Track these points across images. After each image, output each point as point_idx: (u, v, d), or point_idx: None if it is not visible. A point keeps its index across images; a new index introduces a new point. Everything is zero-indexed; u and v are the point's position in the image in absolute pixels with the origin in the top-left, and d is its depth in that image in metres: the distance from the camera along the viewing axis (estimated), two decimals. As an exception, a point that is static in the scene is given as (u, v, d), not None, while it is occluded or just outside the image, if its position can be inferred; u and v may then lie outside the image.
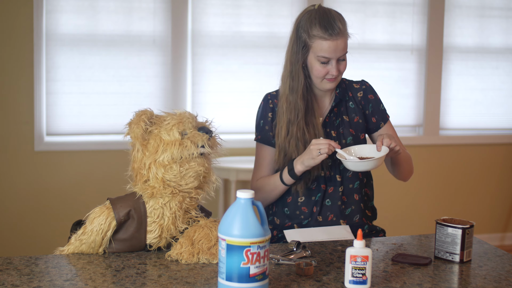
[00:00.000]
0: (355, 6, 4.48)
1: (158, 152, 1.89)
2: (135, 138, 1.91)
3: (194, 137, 1.91)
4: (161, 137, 1.91)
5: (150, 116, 1.94)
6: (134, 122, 1.92)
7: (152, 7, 4.18)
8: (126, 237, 1.93)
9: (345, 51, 2.23)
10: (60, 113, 4.11)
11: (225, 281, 1.60)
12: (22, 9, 3.97)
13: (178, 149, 1.88)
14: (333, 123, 2.36)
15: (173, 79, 4.25)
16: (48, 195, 4.13)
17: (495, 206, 5.00)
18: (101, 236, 1.90)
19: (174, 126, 1.90)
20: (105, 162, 4.20)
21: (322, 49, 2.21)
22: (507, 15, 4.89)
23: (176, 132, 1.90)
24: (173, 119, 1.92)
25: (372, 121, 2.40)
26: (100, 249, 1.93)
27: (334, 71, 2.23)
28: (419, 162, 4.82)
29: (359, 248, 1.70)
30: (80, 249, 1.93)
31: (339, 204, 2.32)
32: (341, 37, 2.20)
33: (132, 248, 1.95)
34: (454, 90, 4.85)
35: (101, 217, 1.91)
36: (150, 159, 1.90)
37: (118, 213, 1.90)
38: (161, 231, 1.92)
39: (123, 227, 1.93)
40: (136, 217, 1.91)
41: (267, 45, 4.41)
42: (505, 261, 1.98)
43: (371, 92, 2.41)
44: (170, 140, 1.89)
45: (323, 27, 2.19)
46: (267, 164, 2.36)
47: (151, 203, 1.92)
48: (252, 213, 1.61)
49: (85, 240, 1.91)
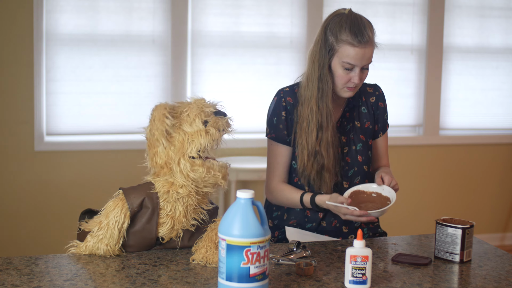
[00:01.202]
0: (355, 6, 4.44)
1: (185, 145, 1.89)
2: (161, 134, 1.89)
3: (216, 123, 1.92)
4: (184, 129, 1.90)
5: (169, 110, 1.91)
6: (157, 119, 1.89)
7: (152, 7, 4.18)
8: (138, 229, 1.93)
9: (370, 61, 2.21)
10: (60, 113, 4.11)
11: (225, 281, 1.60)
12: (22, 9, 3.97)
13: (205, 138, 1.89)
14: (344, 128, 2.35)
15: (173, 79, 4.25)
16: (48, 195, 4.12)
17: (495, 206, 5.00)
18: (118, 228, 1.90)
19: (196, 117, 1.90)
20: (105, 162, 4.20)
21: (349, 55, 2.17)
22: (507, 15, 4.89)
23: (199, 123, 1.90)
24: (192, 110, 1.91)
25: (375, 128, 2.40)
26: (117, 247, 1.92)
27: (356, 79, 2.19)
28: (419, 162, 4.82)
29: (359, 248, 1.70)
30: (97, 246, 1.91)
31: None
32: (369, 45, 2.18)
33: (144, 240, 1.94)
34: (454, 90, 4.85)
35: (116, 210, 1.91)
36: (178, 154, 1.89)
37: (131, 204, 1.90)
38: (173, 223, 1.93)
39: (135, 217, 1.93)
40: (149, 206, 1.91)
41: (266, 45, 4.41)
42: (505, 261, 1.98)
43: (382, 100, 2.41)
44: (194, 131, 1.90)
45: (353, 33, 2.16)
46: (283, 164, 2.34)
47: (165, 196, 1.92)
48: (252, 213, 1.61)
49: (102, 235, 1.90)
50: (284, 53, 4.43)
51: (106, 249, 1.91)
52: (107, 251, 1.91)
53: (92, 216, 2.04)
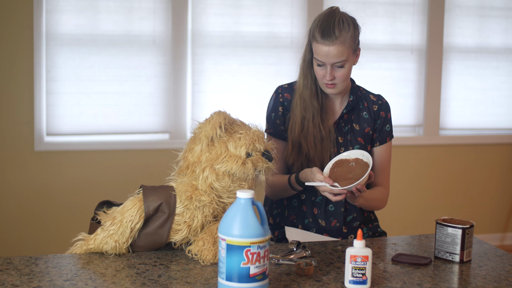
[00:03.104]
0: (355, 6, 4.48)
1: (219, 160, 1.88)
2: (205, 137, 1.89)
3: (257, 162, 1.90)
4: (227, 147, 1.89)
5: (227, 122, 1.91)
6: (212, 123, 1.89)
7: (152, 7, 4.18)
8: (149, 231, 1.93)
9: (341, 59, 2.18)
10: (60, 113, 4.11)
11: (225, 281, 1.60)
12: (22, 9, 3.97)
13: (238, 167, 1.88)
14: (341, 129, 2.35)
15: (173, 79, 4.25)
16: (48, 195, 4.13)
17: (495, 206, 5.00)
18: (131, 227, 1.90)
19: (245, 145, 1.89)
20: (105, 162, 4.20)
21: (316, 52, 2.21)
22: (507, 15, 4.89)
23: (243, 150, 1.89)
24: (246, 137, 1.90)
25: (373, 136, 2.40)
26: (125, 245, 1.92)
27: (328, 76, 2.21)
28: (419, 162, 4.82)
29: (359, 248, 1.70)
30: (106, 240, 1.91)
31: (342, 211, 2.34)
32: (336, 44, 2.16)
33: (153, 243, 1.95)
34: (454, 90, 4.85)
35: (133, 210, 1.91)
36: (208, 162, 1.89)
37: (148, 206, 1.90)
38: (189, 232, 1.92)
39: (149, 219, 1.92)
40: (166, 212, 1.91)
41: (267, 45, 4.41)
42: (505, 261, 1.98)
43: (384, 110, 2.40)
44: (234, 154, 1.88)
45: (321, 30, 2.18)
46: (280, 159, 2.35)
47: (186, 203, 1.91)
48: (252, 213, 1.61)
49: (113, 231, 1.90)
50: (285, 53, 4.43)
51: (114, 245, 1.91)
52: (114, 248, 1.91)
53: (110, 206, 2.05)
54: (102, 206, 2.04)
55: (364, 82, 2.66)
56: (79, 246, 1.96)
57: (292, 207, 2.38)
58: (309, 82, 2.29)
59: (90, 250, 1.94)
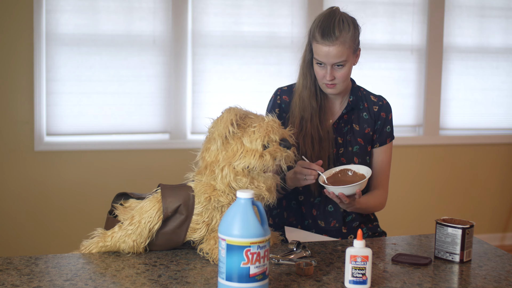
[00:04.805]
0: (355, 6, 4.48)
1: (236, 156, 1.87)
2: (219, 136, 1.89)
3: (275, 152, 1.89)
4: (243, 142, 1.89)
5: (238, 117, 1.90)
6: (223, 121, 1.88)
7: (152, 7, 4.18)
8: (167, 231, 1.93)
9: (341, 59, 2.18)
10: (60, 113, 4.11)
11: (225, 281, 1.60)
12: (22, 9, 3.97)
13: (256, 161, 1.87)
14: (341, 129, 2.35)
15: (173, 79, 4.25)
16: (48, 195, 4.13)
17: (495, 206, 5.00)
18: (149, 228, 1.90)
19: (259, 138, 1.88)
20: (105, 162, 4.20)
21: (316, 52, 2.21)
22: (507, 15, 4.89)
23: (259, 143, 1.88)
24: (259, 129, 1.89)
25: (373, 137, 2.39)
26: (143, 245, 1.92)
27: (328, 76, 2.21)
28: (419, 162, 4.82)
29: (359, 248, 1.70)
30: (124, 239, 1.91)
31: (341, 211, 2.33)
32: (336, 44, 2.16)
33: (171, 242, 1.95)
34: (454, 90, 4.85)
35: (151, 211, 1.91)
36: (225, 161, 1.88)
37: (166, 208, 1.90)
38: (207, 230, 1.93)
39: (167, 220, 1.93)
40: (184, 213, 1.91)
41: (267, 45, 4.41)
42: (505, 261, 1.98)
43: (385, 111, 2.39)
44: (251, 149, 1.87)
45: (321, 31, 2.18)
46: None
47: (204, 203, 1.91)
48: (252, 213, 1.61)
49: (131, 231, 1.91)
50: (285, 53, 4.43)
51: (132, 244, 1.91)
52: (132, 247, 1.92)
53: (128, 198, 2.05)
54: (119, 198, 2.05)
55: (364, 82, 2.66)
56: (95, 242, 1.96)
57: (291, 209, 2.38)
58: (308, 82, 2.29)
59: (106, 247, 1.95)
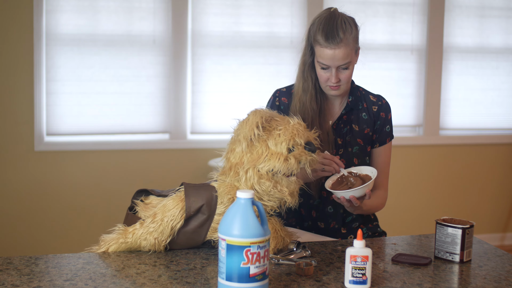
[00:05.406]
0: (355, 6, 4.48)
1: (260, 159, 1.87)
2: (244, 139, 1.88)
3: (300, 156, 1.88)
4: (268, 145, 1.88)
5: (264, 120, 1.89)
6: (249, 123, 1.88)
7: (152, 7, 4.18)
8: (188, 230, 1.94)
9: (346, 61, 2.18)
10: (60, 113, 4.11)
11: (225, 281, 1.60)
12: (22, 9, 3.97)
13: (281, 164, 1.86)
14: (340, 130, 2.34)
15: (173, 79, 4.25)
16: (48, 195, 4.13)
17: (495, 206, 5.00)
18: (171, 226, 1.91)
19: (285, 141, 1.87)
20: (105, 162, 4.20)
21: (321, 56, 2.19)
22: (507, 15, 4.89)
23: (284, 147, 1.87)
24: (285, 132, 1.88)
25: (372, 138, 2.39)
26: (164, 243, 1.92)
27: (333, 79, 2.20)
28: (419, 162, 4.82)
29: (359, 248, 1.70)
30: (145, 237, 1.91)
31: (341, 212, 2.33)
32: (341, 46, 2.15)
33: (191, 241, 1.96)
34: (454, 90, 4.85)
35: (174, 210, 1.91)
36: (250, 163, 1.88)
37: (189, 207, 1.91)
38: None
39: (189, 218, 1.93)
40: (206, 213, 1.92)
41: (267, 45, 4.41)
42: (505, 261, 1.98)
43: (384, 111, 2.38)
44: (275, 152, 1.87)
45: (325, 34, 2.16)
46: None
47: (227, 204, 1.91)
48: (252, 213, 1.61)
49: (153, 228, 1.91)
50: (285, 53, 4.43)
51: (153, 242, 1.92)
52: (153, 245, 1.92)
53: (148, 195, 2.05)
54: (139, 195, 2.05)
55: (364, 82, 2.66)
56: (116, 238, 1.96)
57: (290, 210, 2.37)
58: (309, 85, 2.27)
59: (127, 244, 1.95)
